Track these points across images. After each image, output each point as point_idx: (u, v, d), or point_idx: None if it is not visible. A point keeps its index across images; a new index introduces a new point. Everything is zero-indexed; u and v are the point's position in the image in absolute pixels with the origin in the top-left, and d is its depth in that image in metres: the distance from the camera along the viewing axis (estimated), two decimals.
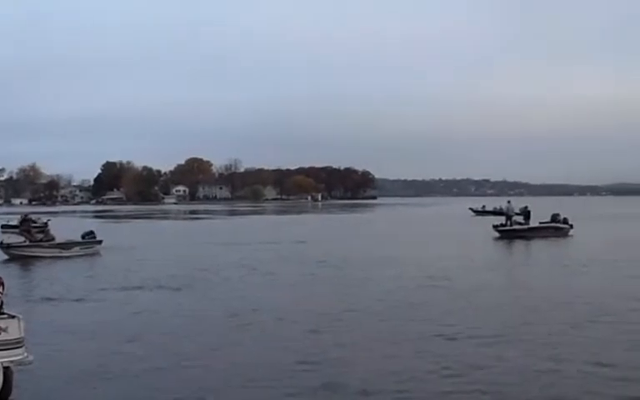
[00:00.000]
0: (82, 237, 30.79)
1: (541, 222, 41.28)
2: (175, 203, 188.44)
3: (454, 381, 9.69)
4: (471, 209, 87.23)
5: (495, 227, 40.65)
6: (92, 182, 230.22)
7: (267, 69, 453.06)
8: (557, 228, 40.58)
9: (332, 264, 25.52)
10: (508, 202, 44.66)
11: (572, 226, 41.45)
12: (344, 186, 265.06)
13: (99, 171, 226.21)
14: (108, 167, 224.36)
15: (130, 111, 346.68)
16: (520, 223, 41.05)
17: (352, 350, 11.61)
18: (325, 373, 10.08)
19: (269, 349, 11.72)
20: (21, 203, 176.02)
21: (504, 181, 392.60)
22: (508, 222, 41.06)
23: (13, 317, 7.97)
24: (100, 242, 31.38)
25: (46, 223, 37.20)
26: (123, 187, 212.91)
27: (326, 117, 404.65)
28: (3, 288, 8.25)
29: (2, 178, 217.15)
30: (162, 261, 27.49)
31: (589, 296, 17.11)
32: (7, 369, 7.95)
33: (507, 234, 39.42)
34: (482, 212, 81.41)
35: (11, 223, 46.83)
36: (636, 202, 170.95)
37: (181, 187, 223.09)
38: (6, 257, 28.37)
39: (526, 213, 42.46)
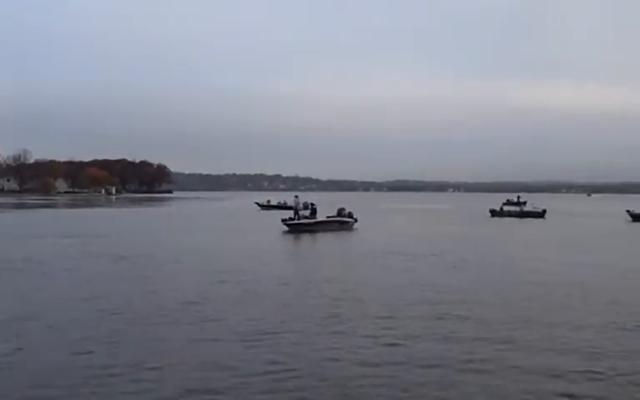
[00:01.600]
0: None
1: (328, 216, 42.81)
2: None
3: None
4: (257, 204, 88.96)
5: (283, 221, 41.41)
6: None
7: (59, 59, 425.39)
8: (342, 222, 42.64)
9: (131, 260, 24.44)
10: (296, 196, 45.52)
11: (356, 220, 43.98)
12: (139, 179, 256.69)
13: None
14: None
15: None
16: (307, 217, 42.08)
17: (162, 355, 11.09)
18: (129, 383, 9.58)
19: (61, 356, 10.77)
20: None
21: (296, 176, 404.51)
22: (296, 216, 41.96)
23: None
24: None
25: None
26: None
27: (120, 108, 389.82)
28: None
29: None
30: None
31: (372, 285, 18.31)
32: None
33: (295, 228, 40.29)
34: (268, 207, 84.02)
35: None
36: (410, 197, 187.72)
37: None
38: None
39: (312, 209, 44.36)
